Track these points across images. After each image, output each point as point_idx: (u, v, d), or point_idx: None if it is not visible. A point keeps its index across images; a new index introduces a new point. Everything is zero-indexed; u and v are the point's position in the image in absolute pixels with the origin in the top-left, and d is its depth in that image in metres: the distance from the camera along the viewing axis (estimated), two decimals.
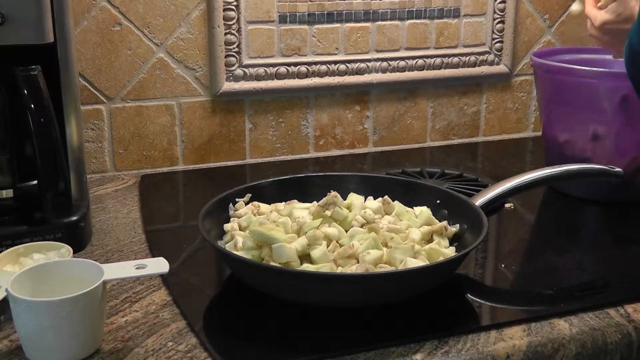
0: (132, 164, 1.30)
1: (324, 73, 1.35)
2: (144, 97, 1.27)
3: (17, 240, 0.90)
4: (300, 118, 1.37)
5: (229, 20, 1.27)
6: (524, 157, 1.47)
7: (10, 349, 0.74)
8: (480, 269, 0.95)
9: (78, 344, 0.72)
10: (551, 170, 1.03)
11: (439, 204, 0.97)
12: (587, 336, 0.79)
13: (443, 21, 1.40)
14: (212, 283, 0.94)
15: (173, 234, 1.07)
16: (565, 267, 0.98)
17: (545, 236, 1.09)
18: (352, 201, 0.93)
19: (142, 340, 0.76)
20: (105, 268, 0.74)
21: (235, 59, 1.29)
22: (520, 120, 1.54)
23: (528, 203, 1.16)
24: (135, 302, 0.84)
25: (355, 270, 0.81)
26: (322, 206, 0.89)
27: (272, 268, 0.80)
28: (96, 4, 1.21)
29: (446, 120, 1.48)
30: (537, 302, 0.87)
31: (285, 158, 1.38)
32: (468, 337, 0.77)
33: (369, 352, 0.74)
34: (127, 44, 1.24)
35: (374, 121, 1.42)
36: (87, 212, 0.99)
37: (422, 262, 0.82)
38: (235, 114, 1.33)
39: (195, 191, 1.26)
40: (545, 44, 1.50)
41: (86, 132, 1.25)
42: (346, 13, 1.34)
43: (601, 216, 1.13)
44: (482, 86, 1.48)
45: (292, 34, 1.32)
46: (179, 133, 1.31)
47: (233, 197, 0.97)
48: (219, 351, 0.74)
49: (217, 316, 0.83)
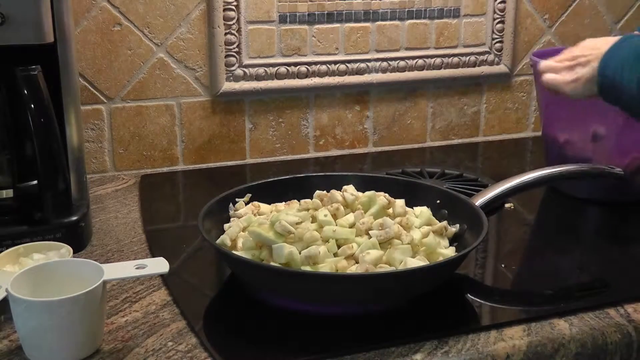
0: (132, 164, 1.30)
1: (324, 73, 1.35)
2: (144, 97, 1.27)
3: (17, 240, 0.90)
4: (300, 118, 1.37)
5: (229, 20, 1.27)
6: (524, 157, 1.47)
7: (10, 349, 0.74)
8: (480, 269, 0.95)
9: (78, 344, 0.72)
10: (551, 170, 1.03)
11: (439, 204, 0.97)
12: (587, 336, 0.79)
13: (443, 21, 1.40)
14: (212, 283, 0.94)
15: (173, 234, 1.07)
16: (565, 267, 0.98)
17: (545, 236, 1.09)
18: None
19: (142, 340, 0.76)
20: (105, 268, 0.74)
21: (235, 59, 1.29)
22: (520, 120, 1.54)
23: (528, 203, 1.16)
24: (135, 302, 0.84)
25: (355, 270, 0.81)
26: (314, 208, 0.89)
27: (272, 268, 0.80)
28: (96, 4, 1.21)
29: (446, 120, 1.48)
30: (537, 302, 0.87)
31: (285, 158, 1.38)
32: (468, 337, 0.77)
33: (369, 352, 0.74)
34: (127, 44, 1.24)
35: (374, 121, 1.42)
36: (87, 212, 0.99)
37: (422, 262, 0.82)
38: (235, 114, 1.33)
39: (195, 191, 1.26)
40: (545, 44, 1.50)
41: (86, 132, 1.25)
42: (346, 13, 1.34)
43: (601, 216, 1.13)
44: (482, 86, 1.48)
45: (292, 34, 1.32)
46: (179, 133, 1.31)
47: (233, 197, 0.97)
48: (219, 351, 0.74)
49: (217, 316, 0.83)
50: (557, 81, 0.95)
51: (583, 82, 0.93)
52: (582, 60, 0.93)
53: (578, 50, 0.95)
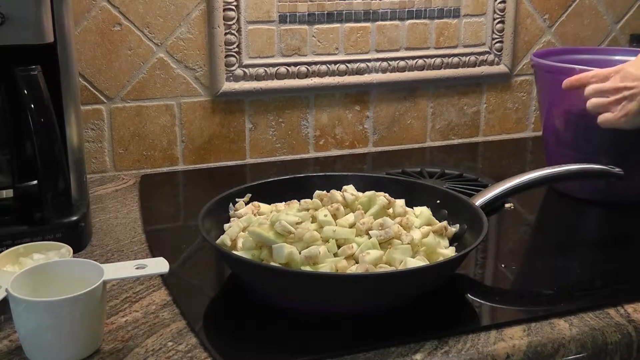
0: (132, 164, 1.30)
1: (324, 73, 1.35)
2: (144, 97, 1.27)
3: (17, 240, 0.90)
4: (300, 118, 1.37)
5: (229, 20, 1.27)
6: (524, 157, 1.47)
7: (10, 349, 0.74)
8: (480, 269, 0.95)
9: (78, 344, 0.72)
10: (551, 170, 1.02)
11: (439, 204, 0.97)
12: (587, 336, 0.79)
13: (443, 21, 1.40)
14: (212, 283, 0.94)
15: (173, 234, 1.07)
16: (565, 267, 0.98)
17: (545, 236, 1.09)
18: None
19: (142, 340, 0.76)
20: (105, 268, 0.74)
21: (235, 59, 1.29)
22: (520, 120, 1.54)
23: (528, 203, 1.16)
24: (135, 302, 0.84)
25: (355, 270, 0.81)
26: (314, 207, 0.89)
27: (272, 268, 0.80)
28: (96, 4, 1.21)
29: (446, 120, 1.48)
30: (537, 302, 0.87)
31: (285, 158, 1.38)
32: (468, 337, 0.77)
33: (369, 352, 0.74)
34: (127, 44, 1.24)
35: (374, 121, 1.42)
36: (87, 212, 0.99)
37: (422, 262, 0.82)
38: (235, 114, 1.33)
39: (195, 191, 1.26)
40: (545, 44, 1.50)
41: (86, 132, 1.25)
42: (346, 13, 1.34)
43: (601, 216, 1.13)
44: (482, 86, 1.48)
45: (292, 34, 1.32)
46: (179, 133, 1.31)
47: (233, 197, 0.97)
48: (219, 351, 0.74)
49: (217, 316, 0.83)
50: (608, 119, 1.02)
51: (632, 116, 0.99)
52: (627, 94, 0.99)
53: (621, 79, 1.01)
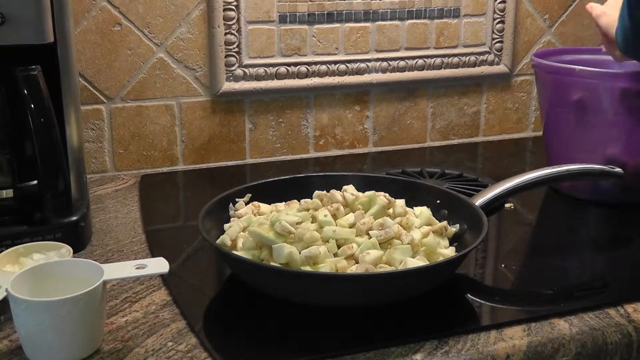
0: (132, 164, 1.30)
1: (324, 73, 1.35)
2: (144, 97, 1.27)
3: (17, 240, 0.90)
4: (300, 118, 1.37)
5: (229, 20, 1.27)
6: (524, 157, 1.47)
7: (10, 349, 0.74)
8: (480, 269, 0.95)
9: (78, 344, 0.72)
10: (551, 170, 1.03)
11: (439, 204, 0.97)
12: (587, 336, 0.79)
13: (443, 21, 1.40)
14: (212, 283, 0.94)
15: (173, 234, 1.07)
16: (565, 267, 0.98)
17: (545, 236, 1.09)
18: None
19: (142, 340, 0.76)
20: (105, 268, 0.74)
21: (235, 59, 1.29)
22: (520, 120, 1.54)
23: (528, 203, 1.16)
24: (135, 302, 0.84)
25: (355, 270, 0.81)
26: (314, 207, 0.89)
27: (272, 268, 0.80)
28: (96, 4, 1.21)
29: (446, 120, 1.48)
30: (537, 302, 0.87)
31: (285, 158, 1.38)
32: (468, 337, 0.77)
33: (369, 352, 0.74)
34: (127, 44, 1.24)
35: (374, 121, 1.42)
36: (87, 212, 0.99)
37: (422, 262, 0.82)
38: (235, 114, 1.33)
39: (195, 191, 1.26)
40: (545, 44, 1.50)
41: (86, 132, 1.25)
42: (346, 13, 1.34)
43: (601, 216, 1.13)
44: (482, 86, 1.48)
45: (292, 34, 1.32)
46: (179, 133, 1.31)
47: (233, 197, 0.97)
48: (219, 351, 0.74)
49: (217, 316, 0.83)
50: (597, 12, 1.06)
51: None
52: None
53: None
